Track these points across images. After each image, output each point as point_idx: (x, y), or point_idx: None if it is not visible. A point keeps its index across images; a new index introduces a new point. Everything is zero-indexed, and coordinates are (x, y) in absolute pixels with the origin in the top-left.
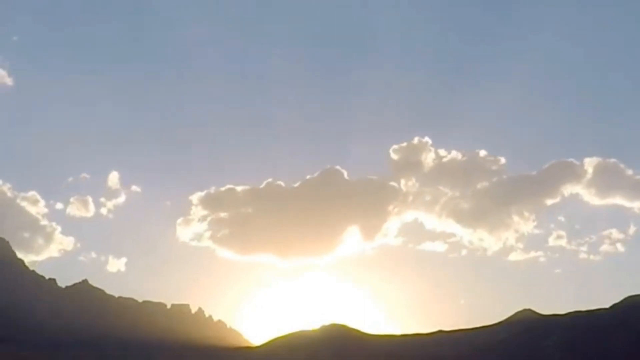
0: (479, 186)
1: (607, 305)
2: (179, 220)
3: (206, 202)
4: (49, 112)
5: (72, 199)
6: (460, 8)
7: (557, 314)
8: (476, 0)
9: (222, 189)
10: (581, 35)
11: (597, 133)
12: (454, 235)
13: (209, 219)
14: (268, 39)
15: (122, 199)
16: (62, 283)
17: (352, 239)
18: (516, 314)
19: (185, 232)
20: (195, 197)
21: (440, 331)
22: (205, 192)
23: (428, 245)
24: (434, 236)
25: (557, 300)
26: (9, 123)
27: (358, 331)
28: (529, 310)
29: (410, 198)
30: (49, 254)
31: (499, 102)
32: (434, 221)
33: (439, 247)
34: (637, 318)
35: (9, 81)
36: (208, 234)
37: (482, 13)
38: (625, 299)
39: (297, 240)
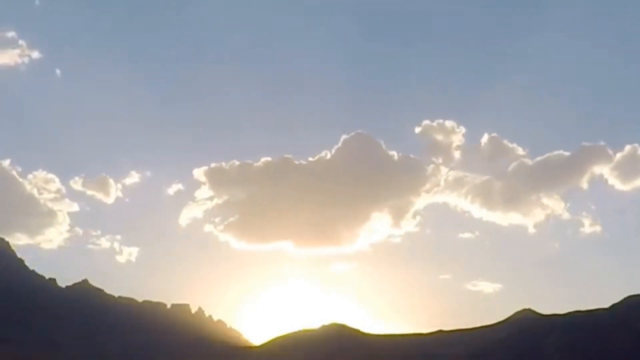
0: (509, 170)
1: (606, 305)
2: (187, 205)
3: (213, 180)
4: (63, 87)
5: (77, 179)
6: None
7: (557, 313)
8: None
9: (235, 163)
10: (615, 18)
11: (628, 117)
12: (484, 220)
13: (215, 200)
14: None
15: (131, 181)
16: (62, 283)
17: (375, 224)
18: (516, 313)
19: (192, 218)
20: (202, 176)
21: (440, 331)
22: (212, 167)
23: (458, 232)
24: (463, 221)
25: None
26: (25, 101)
27: (358, 331)
28: (529, 310)
29: (440, 181)
30: (59, 242)
31: (529, 86)
32: (463, 205)
33: (469, 233)
34: (637, 318)
35: (34, 54)
36: (216, 219)
37: None
38: (625, 299)
39: (316, 225)
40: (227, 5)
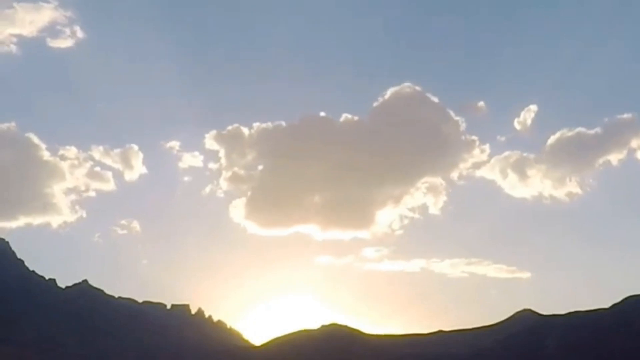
0: (547, 144)
1: (606, 305)
2: (199, 180)
3: (228, 148)
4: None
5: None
6: None
7: (557, 314)
8: None
9: (260, 126)
10: None
11: None
12: (520, 198)
13: (224, 174)
14: None
15: (150, 154)
16: (62, 283)
17: (411, 201)
18: (516, 313)
19: (204, 199)
20: (214, 144)
21: (440, 331)
22: (227, 131)
23: (493, 211)
24: (499, 200)
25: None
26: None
27: (358, 331)
28: (529, 310)
29: (478, 157)
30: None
31: (567, 63)
32: (501, 183)
33: (504, 213)
34: (637, 318)
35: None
36: (230, 200)
37: None
38: (625, 299)
39: (344, 205)
40: None
